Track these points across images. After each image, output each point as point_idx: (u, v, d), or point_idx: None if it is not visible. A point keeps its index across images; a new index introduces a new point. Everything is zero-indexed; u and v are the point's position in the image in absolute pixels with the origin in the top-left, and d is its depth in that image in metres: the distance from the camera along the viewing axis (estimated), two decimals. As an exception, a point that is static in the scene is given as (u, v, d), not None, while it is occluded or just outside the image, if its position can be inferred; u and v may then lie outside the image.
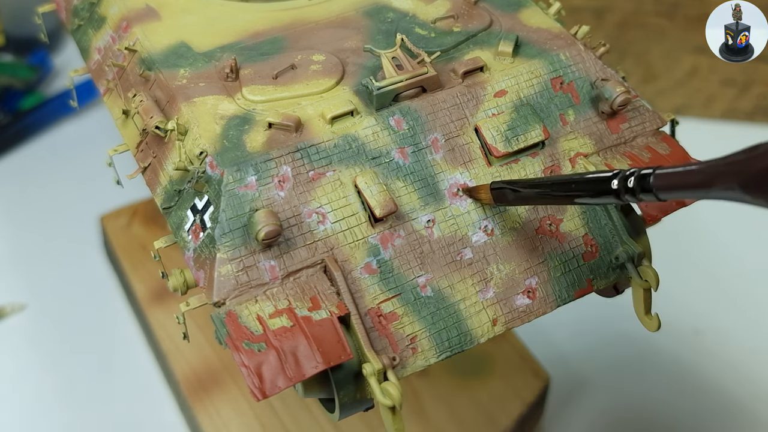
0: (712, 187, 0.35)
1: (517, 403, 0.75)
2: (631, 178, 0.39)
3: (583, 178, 0.43)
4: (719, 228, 0.96)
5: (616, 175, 0.40)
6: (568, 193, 0.45)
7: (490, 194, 0.48)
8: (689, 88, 1.09)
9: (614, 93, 0.52)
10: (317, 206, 0.47)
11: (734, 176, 0.34)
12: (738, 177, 0.34)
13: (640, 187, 0.39)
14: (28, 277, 0.93)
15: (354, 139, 0.49)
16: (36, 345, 0.86)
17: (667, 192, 0.38)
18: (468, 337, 0.48)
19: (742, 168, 0.34)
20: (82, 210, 0.97)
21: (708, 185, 0.35)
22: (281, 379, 0.42)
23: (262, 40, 0.56)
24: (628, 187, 0.39)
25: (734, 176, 0.34)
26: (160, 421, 0.80)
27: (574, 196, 0.44)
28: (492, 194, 0.48)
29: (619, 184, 0.40)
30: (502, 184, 0.48)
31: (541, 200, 0.49)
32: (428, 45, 0.55)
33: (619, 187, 0.40)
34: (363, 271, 0.47)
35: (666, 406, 0.81)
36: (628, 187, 0.39)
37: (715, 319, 0.88)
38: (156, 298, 0.85)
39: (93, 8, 0.62)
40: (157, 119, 0.50)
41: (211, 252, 0.46)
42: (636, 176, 0.39)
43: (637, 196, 0.39)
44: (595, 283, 0.51)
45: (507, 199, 0.48)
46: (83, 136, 1.09)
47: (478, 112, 0.51)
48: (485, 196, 0.49)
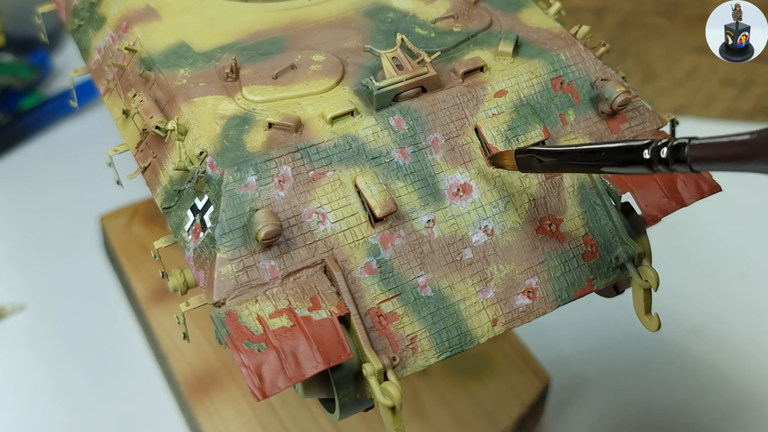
0: (752, 160, 0.34)
1: (517, 403, 0.75)
2: (664, 148, 0.38)
3: (612, 147, 0.42)
4: (719, 228, 0.96)
5: (648, 144, 0.39)
6: (597, 162, 0.43)
7: (514, 161, 0.48)
8: (689, 88, 1.09)
9: (614, 93, 0.52)
10: (317, 206, 0.47)
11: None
12: None
13: (674, 158, 0.38)
14: (28, 277, 0.93)
15: (354, 139, 0.49)
16: (36, 345, 0.86)
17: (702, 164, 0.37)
18: (468, 337, 0.48)
19: None
20: (82, 210, 0.97)
21: (748, 157, 0.34)
22: (281, 379, 0.42)
23: (262, 40, 0.56)
24: (661, 157, 0.38)
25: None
26: (160, 421, 0.79)
27: (604, 164, 0.43)
28: (517, 161, 0.47)
29: (652, 154, 0.39)
30: (529, 151, 0.47)
31: (569, 168, 0.48)
32: (428, 45, 0.55)
33: (652, 157, 0.39)
34: (363, 271, 0.47)
35: (666, 406, 0.81)
36: (661, 157, 0.38)
37: (715, 319, 0.88)
38: (156, 298, 0.85)
39: (93, 8, 0.62)
40: (157, 119, 0.50)
41: (211, 252, 0.46)
42: (670, 147, 0.38)
43: (671, 167, 0.38)
44: (595, 283, 0.51)
45: (532, 166, 0.47)
46: (83, 136, 1.09)
47: (478, 112, 0.51)
48: (509, 162, 0.48)
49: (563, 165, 0.46)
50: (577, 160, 0.45)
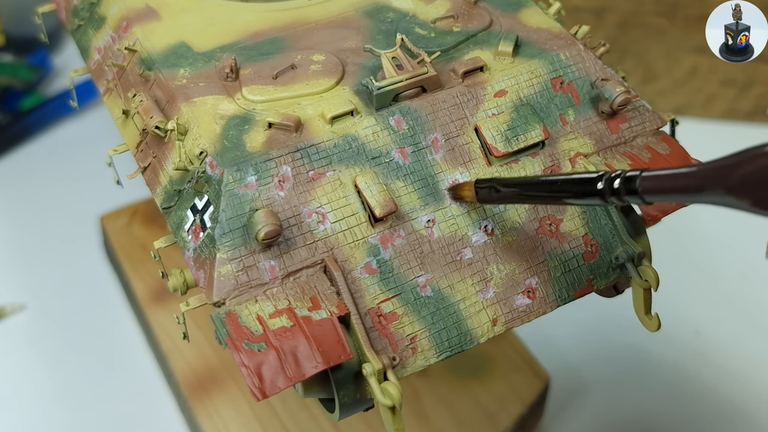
0: (702, 192, 0.34)
1: (517, 403, 0.75)
2: (616, 180, 0.38)
3: (567, 179, 0.42)
4: (719, 228, 0.96)
5: (601, 176, 0.39)
6: (553, 193, 0.44)
7: (473, 192, 0.48)
8: (689, 88, 1.09)
9: (614, 93, 0.52)
10: (317, 206, 0.47)
11: (721, 181, 0.33)
12: (725, 182, 0.33)
13: (626, 189, 0.38)
14: (28, 277, 0.93)
15: (354, 139, 0.49)
16: (36, 345, 0.86)
17: (654, 195, 0.37)
18: (468, 337, 0.48)
19: (730, 172, 0.33)
20: (82, 210, 0.97)
21: (697, 189, 0.34)
22: (281, 379, 0.42)
23: (262, 40, 0.56)
24: (614, 188, 0.38)
25: (721, 181, 0.33)
26: (160, 421, 0.80)
27: (559, 196, 0.43)
28: (476, 192, 0.47)
29: (605, 186, 0.39)
30: (487, 181, 0.47)
31: (526, 200, 0.48)
32: (428, 45, 0.54)
33: (605, 188, 0.39)
34: (363, 271, 0.47)
35: (666, 407, 0.81)
36: (614, 188, 0.38)
37: (716, 319, 0.88)
38: (156, 298, 0.85)
39: (93, 8, 0.62)
40: (157, 119, 0.50)
41: (211, 252, 0.46)
42: (622, 178, 0.38)
43: (622, 198, 0.38)
44: (595, 283, 0.51)
45: (491, 198, 0.47)
46: (83, 136, 1.09)
47: (478, 112, 0.51)
48: (469, 193, 0.48)
49: (521, 197, 0.47)
50: (535, 190, 0.45)
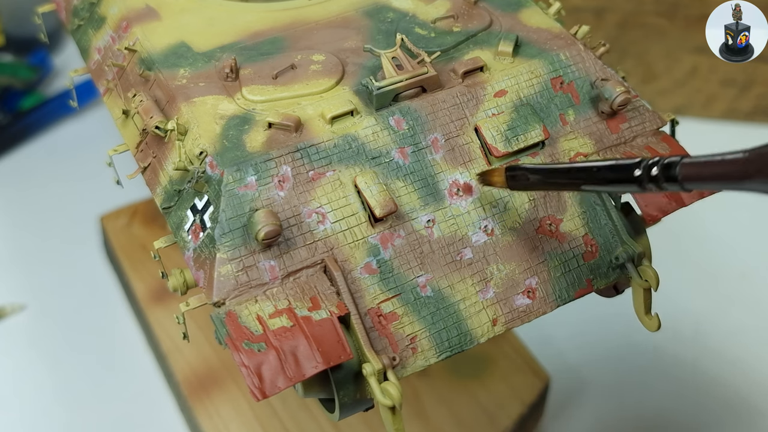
0: (747, 179, 0.33)
1: (517, 403, 0.75)
2: (655, 167, 0.37)
3: (604, 165, 0.41)
4: (719, 228, 0.96)
5: (639, 163, 0.38)
6: (587, 180, 0.43)
7: (504, 177, 0.47)
8: (689, 88, 1.09)
9: (614, 93, 0.52)
10: (317, 206, 0.47)
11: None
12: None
13: (665, 177, 0.37)
14: (28, 277, 0.93)
15: (354, 139, 0.49)
16: (36, 345, 0.86)
17: (694, 182, 0.36)
18: (468, 337, 0.48)
19: None
20: (82, 210, 0.97)
21: (742, 177, 0.33)
22: (281, 379, 0.42)
23: (262, 40, 0.56)
24: (652, 175, 0.37)
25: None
26: (160, 421, 0.80)
27: (594, 183, 0.42)
28: (506, 177, 0.47)
29: (643, 173, 0.38)
30: (520, 168, 0.46)
31: (559, 186, 0.47)
32: (428, 45, 0.54)
33: (642, 176, 0.38)
34: (363, 271, 0.47)
35: (666, 406, 0.81)
36: (652, 175, 0.37)
37: (716, 319, 0.88)
38: (156, 298, 0.85)
39: (93, 8, 0.62)
40: (157, 119, 0.50)
41: (211, 252, 0.46)
42: (660, 165, 0.37)
43: (661, 186, 0.37)
44: (595, 283, 0.51)
45: (522, 183, 0.46)
46: (83, 136, 1.09)
47: (478, 112, 0.51)
48: (499, 179, 0.48)
49: (553, 183, 0.46)
50: (568, 177, 0.44)
